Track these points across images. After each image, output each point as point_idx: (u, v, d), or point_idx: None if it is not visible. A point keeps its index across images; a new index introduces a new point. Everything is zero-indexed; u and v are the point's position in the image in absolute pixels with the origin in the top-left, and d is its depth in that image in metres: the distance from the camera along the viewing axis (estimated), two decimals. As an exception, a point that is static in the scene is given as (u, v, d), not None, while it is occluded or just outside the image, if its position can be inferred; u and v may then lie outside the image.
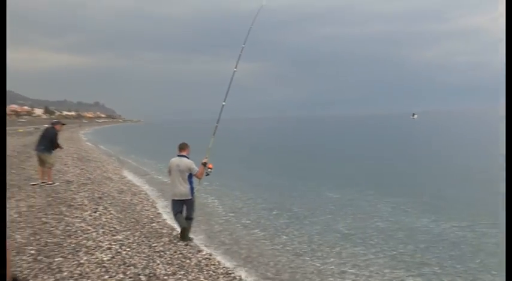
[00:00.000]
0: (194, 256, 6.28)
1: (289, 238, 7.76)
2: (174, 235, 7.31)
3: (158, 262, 5.76)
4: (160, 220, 8.63)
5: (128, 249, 6.15)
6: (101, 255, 5.73)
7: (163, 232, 7.56)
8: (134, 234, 7.10)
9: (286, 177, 15.75)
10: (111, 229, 7.25)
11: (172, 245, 6.75)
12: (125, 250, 6.07)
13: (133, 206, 9.65)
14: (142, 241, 6.75)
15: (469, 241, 7.33)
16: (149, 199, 10.87)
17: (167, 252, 6.31)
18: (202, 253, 6.52)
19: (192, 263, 5.92)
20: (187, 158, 7.18)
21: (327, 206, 10.37)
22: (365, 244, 7.32)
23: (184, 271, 5.52)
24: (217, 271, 5.72)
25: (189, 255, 6.30)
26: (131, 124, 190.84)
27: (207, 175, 7.22)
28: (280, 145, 35.99)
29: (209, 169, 7.17)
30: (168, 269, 5.51)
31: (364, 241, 7.46)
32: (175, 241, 7.00)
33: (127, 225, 7.70)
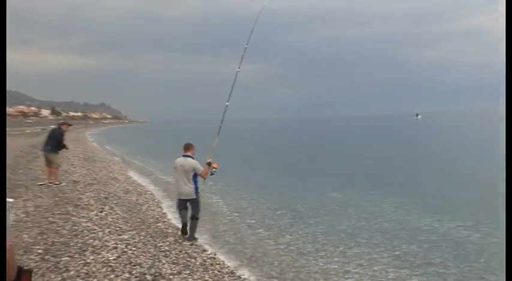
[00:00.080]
0: (199, 256, 6.32)
1: (294, 237, 7.78)
2: (180, 235, 7.37)
3: (164, 262, 5.80)
4: (165, 219, 8.68)
5: (134, 249, 6.20)
6: (107, 254, 5.78)
7: (168, 231, 7.61)
8: (140, 234, 7.15)
9: (289, 177, 15.75)
10: (117, 228, 7.31)
11: (177, 244, 6.79)
12: (131, 250, 6.12)
13: (139, 206, 9.72)
14: (148, 240, 6.80)
15: (472, 241, 7.31)
16: (155, 199, 10.92)
17: (173, 252, 6.35)
18: (207, 253, 6.56)
19: (197, 263, 5.95)
20: (192, 158, 7.24)
21: (330, 206, 10.38)
22: (369, 243, 7.32)
23: (189, 271, 5.56)
24: (222, 271, 5.76)
25: (194, 254, 6.34)
26: (137, 125, 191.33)
27: (211, 175, 7.27)
28: (283, 145, 35.96)
29: (214, 169, 7.21)
30: (173, 269, 5.55)
31: (367, 241, 7.46)
32: (181, 240, 7.05)
33: (133, 225, 7.76)
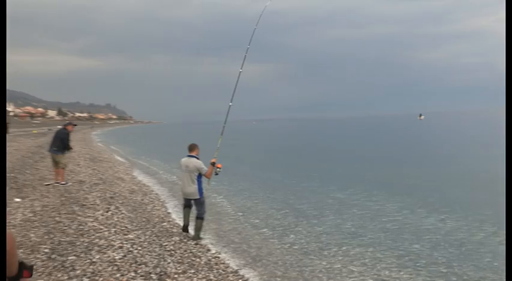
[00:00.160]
0: (204, 255, 6.36)
1: (298, 237, 7.79)
2: (185, 234, 7.42)
3: (169, 261, 5.85)
4: (170, 219, 8.72)
5: (139, 248, 6.26)
6: (113, 254, 5.85)
7: (173, 231, 7.65)
8: (145, 233, 7.21)
9: (293, 177, 15.75)
10: (123, 228, 7.38)
11: (182, 244, 6.83)
12: (136, 249, 6.18)
13: (144, 206, 9.78)
14: (153, 240, 6.85)
15: (476, 241, 7.29)
16: (160, 199, 10.97)
17: (178, 251, 6.39)
18: (212, 252, 6.59)
19: (202, 262, 5.99)
20: (197, 159, 7.29)
21: (334, 206, 10.38)
22: (372, 243, 7.31)
23: (194, 270, 5.60)
24: (227, 270, 5.79)
25: (199, 254, 6.38)
26: (142, 125, 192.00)
27: (216, 175, 7.32)
28: (287, 145, 35.94)
29: (218, 169, 7.26)
30: (178, 268, 5.59)
31: (371, 241, 7.46)
32: (186, 240, 7.09)
33: (138, 224, 7.81)
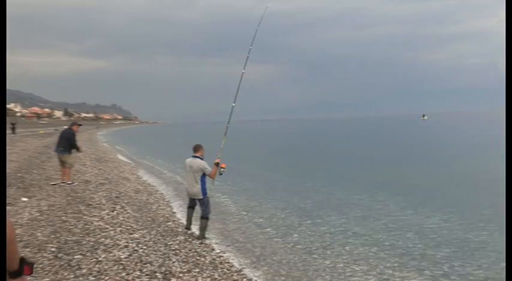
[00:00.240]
0: (209, 254, 6.39)
1: (301, 236, 7.82)
2: (189, 234, 7.47)
3: (174, 260, 5.88)
4: (175, 219, 8.76)
5: (145, 247, 6.31)
6: (119, 253, 5.90)
7: (178, 230, 7.69)
8: (150, 232, 7.26)
9: (296, 177, 15.77)
10: (128, 227, 7.43)
11: (187, 243, 6.87)
12: (142, 248, 6.23)
13: (149, 206, 9.84)
14: (158, 239, 6.89)
15: (480, 241, 7.27)
16: (165, 199, 11.03)
17: (182, 250, 6.43)
18: (216, 251, 6.63)
19: (207, 261, 6.02)
20: (201, 159, 7.33)
21: (337, 206, 10.39)
22: (376, 242, 7.33)
23: (199, 269, 5.63)
24: (231, 269, 5.82)
25: (203, 253, 6.41)
26: (147, 126, 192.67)
27: (220, 175, 7.35)
28: (290, 145, 35.89)
29: (222, 169, 7.29)
30: (183, 267, 5.63)
31: (374, 240, 7.47)
32: (190, 239, 7.14)
33: (143, 224, 7.86)
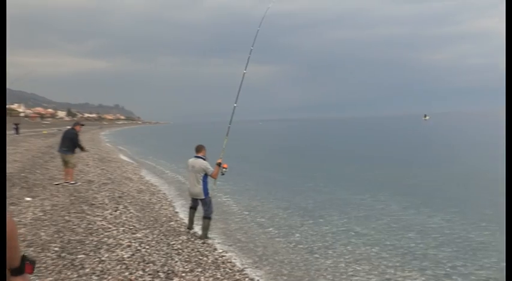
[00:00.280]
0: (211, 254, 6.41)
1: (303, 236, 7.83)
2: (192, 233, 7.49)
3: (176, 260, 5.91)
4: (178, 218, 8.79)
5: (147, 247, 6.34)
6: (121, 252, 5.93)
7: (181, 230, 7.71)
8: (153, 232, 7.28)
9: (298, 177, 15.78)
10: (131, 227, 7.46)
11: (190, 243, 6.89)
12: (144, 248, 6.26)
13: (152, 205, 9.87)
14: (161, 239, 6.92)
15: (482, 241, 7.26)
16: (167, 198, 11.06)
17: (185, 250, 6.45)
18: (219, 251, 6.66)
19: (209, 261, 6.05)
20: (203, 160, 7.36)
21: (339, 205, 10.39)
22: (377, 242, 7.33)
23: (201, 269, 5.65)
24: (234, 269, 5.83)
25: (206, 253, 6.43)
26: (150, 126, 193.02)
27: (222, 175, 7.38)
28: (291, 145, 35.89)
29: (224, 169, 7.32)
30: (186, 267, 5.65)
31: (376, 240, 7.47)
32: (193, 239, 7.16)
33: (146, 223, 7.89)
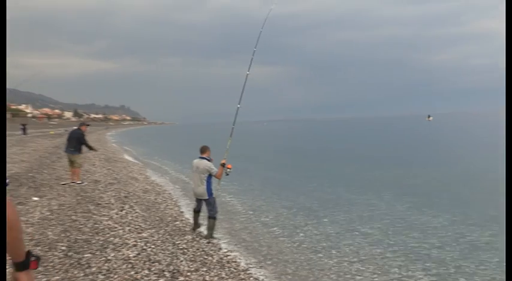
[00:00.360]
0: (216, 253, 6.45)
1: (307, 235, 7.85)
2: (197, 233, 7.54)
3: (182, 259, 5.94)
4: (183, 218, 8.84)
5: (153, 246, 6.38)
6: (127, 252, 5.97)
7: (186, 230, 7.75)
8: (158, 232, 7.33)
9: (302, 177, 15.79)
10: (137, 226, 7.51)
11: (195, 242, 6.93)
12: (150, 247, 6.30)
13: (157, 205, 9.93)
14: (166, 238, 6.96)
15: (485, 241, 7.24)
16: (172, 198, 11.11)
17: (190, 249, 6.49)
18: (224, 251, 6.70)
19: (214, 260, 6.08)
20: (208, 160, 7.40)
21: (343, 205, 10.41)
22: (381, 242, 7.34)
23: (206, 268, 5.69)
24: (238, 268, 5.87)
25: (211, 252, 6.47)
26: (155, 126, 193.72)
27: (226, 175, 7.42)
28: (295, 146, 35.86)
29: (228, 169, 7.36)
30: (191, 266, 5.68)
31: (380, 240, 7.48)
32: (198, 238, 7.20)
33: (152, 223, 7.95)
